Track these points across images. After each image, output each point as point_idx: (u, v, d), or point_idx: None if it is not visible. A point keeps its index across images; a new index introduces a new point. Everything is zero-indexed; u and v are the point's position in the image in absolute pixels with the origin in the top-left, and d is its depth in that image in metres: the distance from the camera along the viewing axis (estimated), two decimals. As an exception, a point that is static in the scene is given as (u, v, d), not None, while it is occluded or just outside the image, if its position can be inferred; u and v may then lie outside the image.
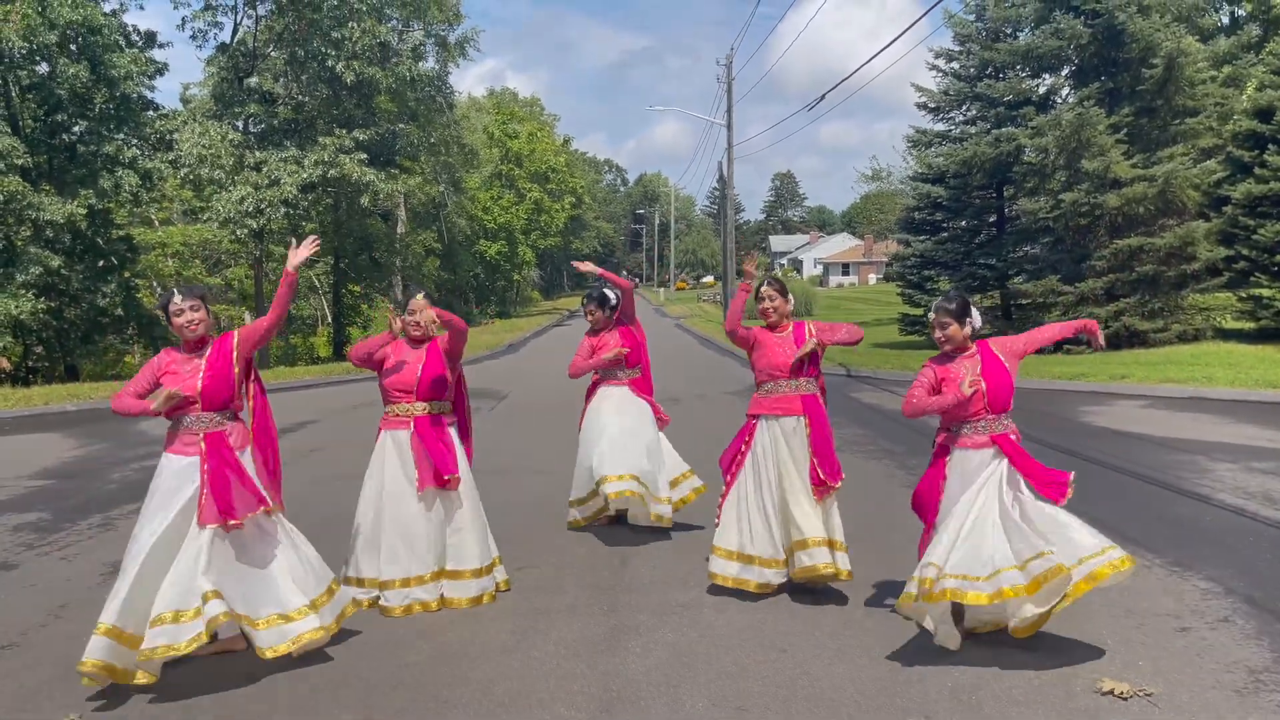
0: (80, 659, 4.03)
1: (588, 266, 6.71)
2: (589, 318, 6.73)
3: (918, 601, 4.24)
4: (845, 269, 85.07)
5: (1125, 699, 3.87)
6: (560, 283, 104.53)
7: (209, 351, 4.43)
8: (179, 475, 4.30)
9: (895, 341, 26.41)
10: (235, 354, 4.43)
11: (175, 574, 4.13)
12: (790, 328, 5.32)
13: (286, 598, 4.31)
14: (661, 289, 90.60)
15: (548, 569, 5.86)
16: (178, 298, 4.39)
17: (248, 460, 4.44)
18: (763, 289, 5.28)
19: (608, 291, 6.69)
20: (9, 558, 6.34)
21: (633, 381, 6.60)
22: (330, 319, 40.66)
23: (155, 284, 36.53)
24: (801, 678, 4.17)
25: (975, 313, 4.53)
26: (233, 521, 4.21)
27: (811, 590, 5.30)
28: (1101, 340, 4.63)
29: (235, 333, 4.50)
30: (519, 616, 5.01)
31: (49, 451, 10.86)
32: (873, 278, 78.93)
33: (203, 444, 4.32)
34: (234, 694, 4.12)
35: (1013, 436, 4.44)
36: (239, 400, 4.51)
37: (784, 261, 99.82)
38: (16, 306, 20.96)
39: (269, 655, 4.21)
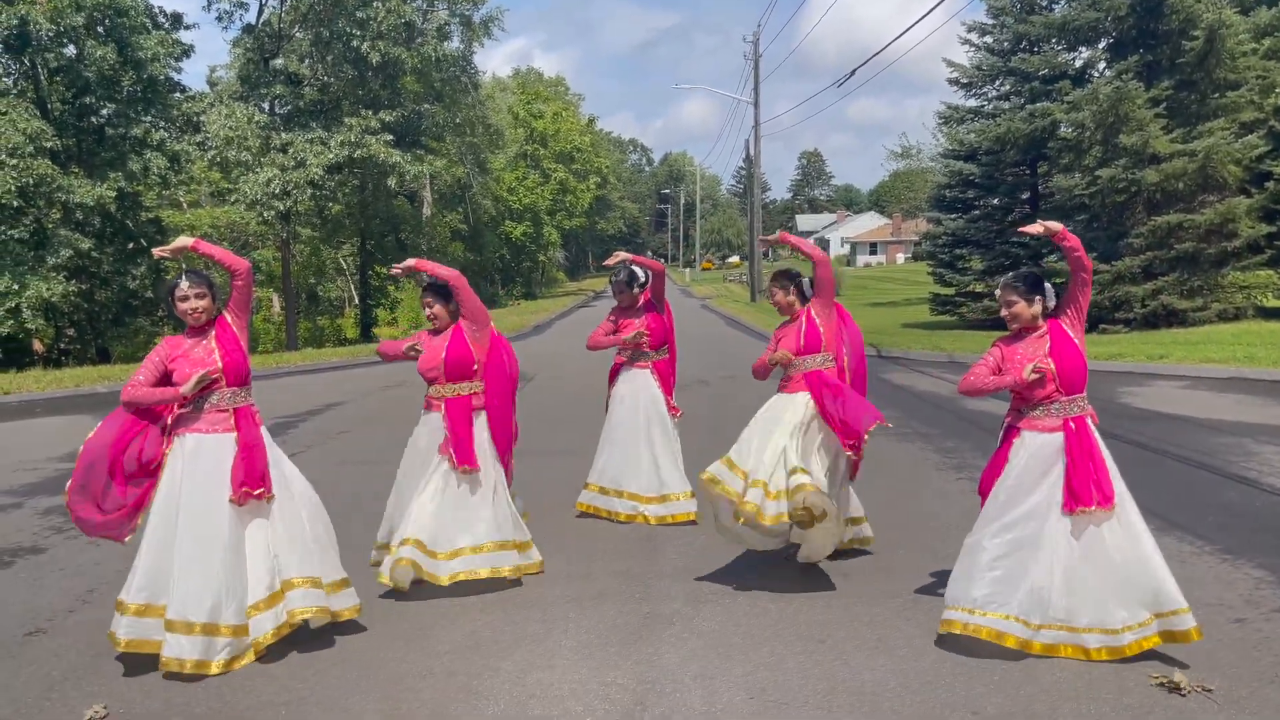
0: (105, 644, 3.97)
1: (617, 257, 6.64)
2: (617, 297, 6.63)
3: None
4: (873, 248, 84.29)
5: (1182, 693, 3.71)
6: (585, 263, 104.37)
7: (215, 331, 4.37)
8: (217, 453, 4.26)
9: (926, 321, 26.10)
10: (235, 329, 4.39)
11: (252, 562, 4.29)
12: (801, 315, 5.32)
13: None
14: (687, 269, 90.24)
15: (576, 555, 5.76)
16: (184, 284, 4.30)
17: (266, 435, 4.47)
18: (769, 284, 5.45)
19: (636, 269, 6.60)
20: (39, 541, 6.33)
21: (657, 364, 6.53)
22: (357, 300, 40.80)
23: (182, 264, 36.75)
24: (842, 670, 4.05)
25: (1049, 289, 4.28)
26: (259, 490, 4.27)
27: (850, 578, 5.18)
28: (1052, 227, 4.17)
29: (225, 313, 4.43)
30: (549, 604, 4.91)
31: (80, 433, 10.86)
32: (900, 257, 78.18)
33: (233, 419, 4.32)
34: (259, 683, 4.05)
35: (1089, 420, 4.24)
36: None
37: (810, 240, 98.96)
38: (48, 289, 21.11)
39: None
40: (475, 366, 5.14)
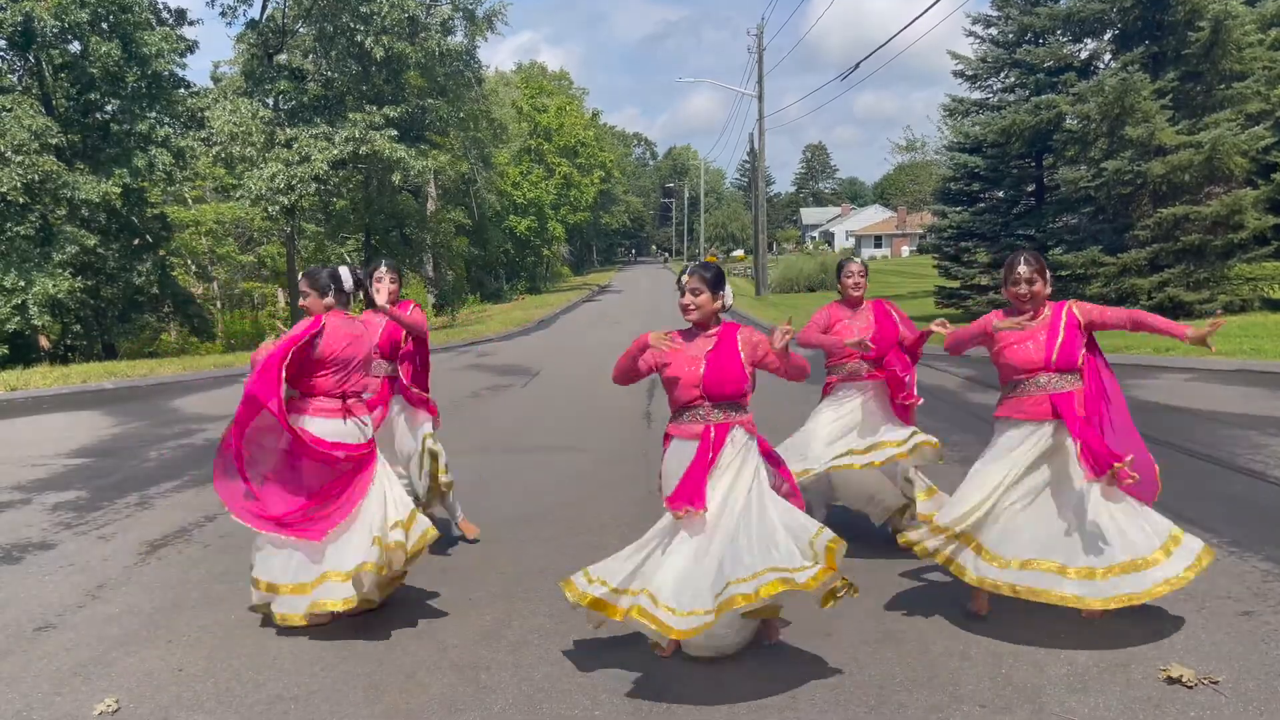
0: (114, 639, 3.97)
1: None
2: (850, 281, 5.71)
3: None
4: (878, 241, 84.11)
5: (1190, 686, 3.71)
6: (590, 258, 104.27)
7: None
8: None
9: (931, 314, 25.96)
10: None
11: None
12: (1051, 313, 4.52)
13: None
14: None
15: (584, 549, 5.76)
16: (383, 267, 5.52)
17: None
18: (1019, 270, 4.43)
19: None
20: (48, 537, 6.36)
21: (874, 376, 5.60)
22: (362, 295, 40.80)
23: (190, 262, 36.83)
24: (849, 663, 4.05)
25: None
26: None
27: (855, 571, 5.18)
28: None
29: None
30: (557, 599, 4.90)
31: (87, 429, 10.94)
32: (906, 250, 78.01)
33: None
34: (268, 677, 4.07)
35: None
36: None
37: (815, 234, 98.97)
38: (54, 285, 21.16)
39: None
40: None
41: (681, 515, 3.93)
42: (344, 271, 4.88)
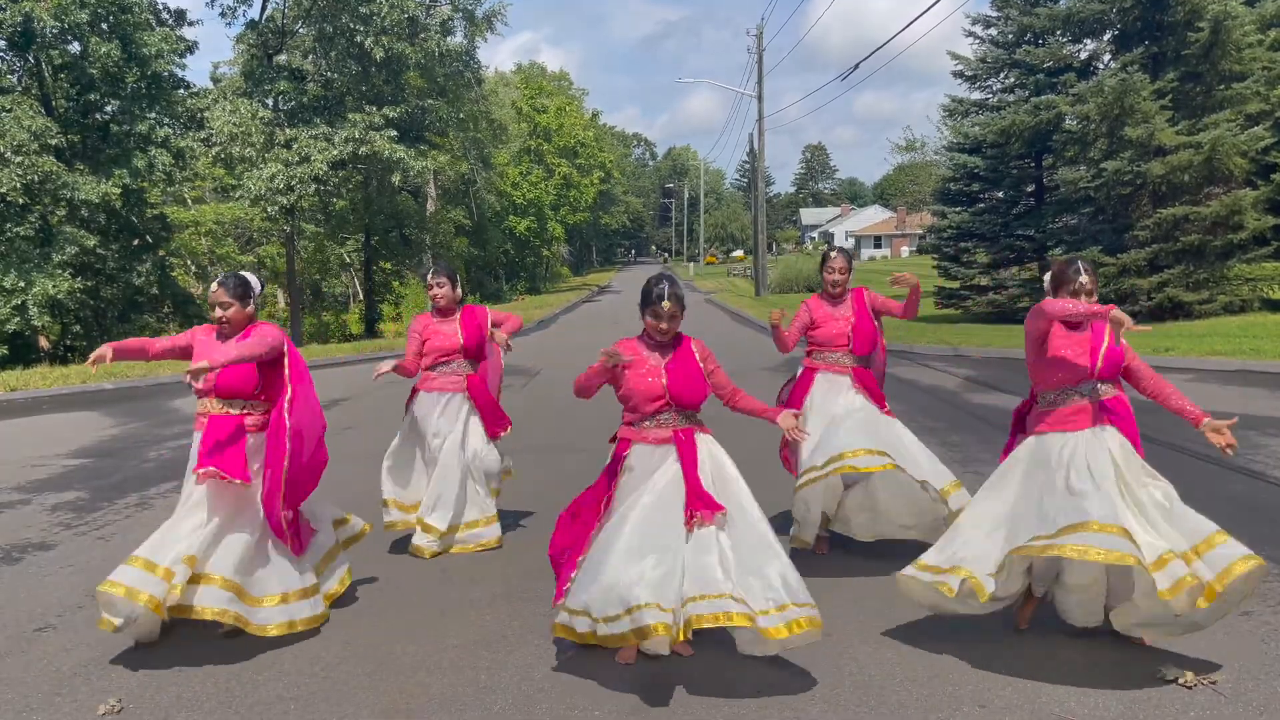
0: (115, 639, 3.99)
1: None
2: (830, 278, 5.61)
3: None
4: (877, 242, 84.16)
5: (1189, 687, 3.71)
6: (589, 258, 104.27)
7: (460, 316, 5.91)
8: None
9: (931, 315, 26.05)
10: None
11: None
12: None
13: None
14: (691, 264, 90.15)
15: (584, 549, 5.76)
16: (431, 274, 5.86)
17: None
18: (1083, 276, 4.20)
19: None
20: (47, 538, 6.35)
21: (858, 370, 5.61)
22: (362, 296, 40.84)
23: (189, 262, 36.84)
24: (849, 664, 4.06)
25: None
26: None
27: (855, 571, 5.18)
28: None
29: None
30: (557, 598, 4.92)
31: (87, 430, 10.94)
32: (905, 250, 78.05)
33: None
34: (268, 678, 4.07)
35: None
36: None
37: (814, 235, 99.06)
38: (54, 286, 21.18)
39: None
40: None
41: (695, 522, 3.96)
42: (250, 277, 4.66)
